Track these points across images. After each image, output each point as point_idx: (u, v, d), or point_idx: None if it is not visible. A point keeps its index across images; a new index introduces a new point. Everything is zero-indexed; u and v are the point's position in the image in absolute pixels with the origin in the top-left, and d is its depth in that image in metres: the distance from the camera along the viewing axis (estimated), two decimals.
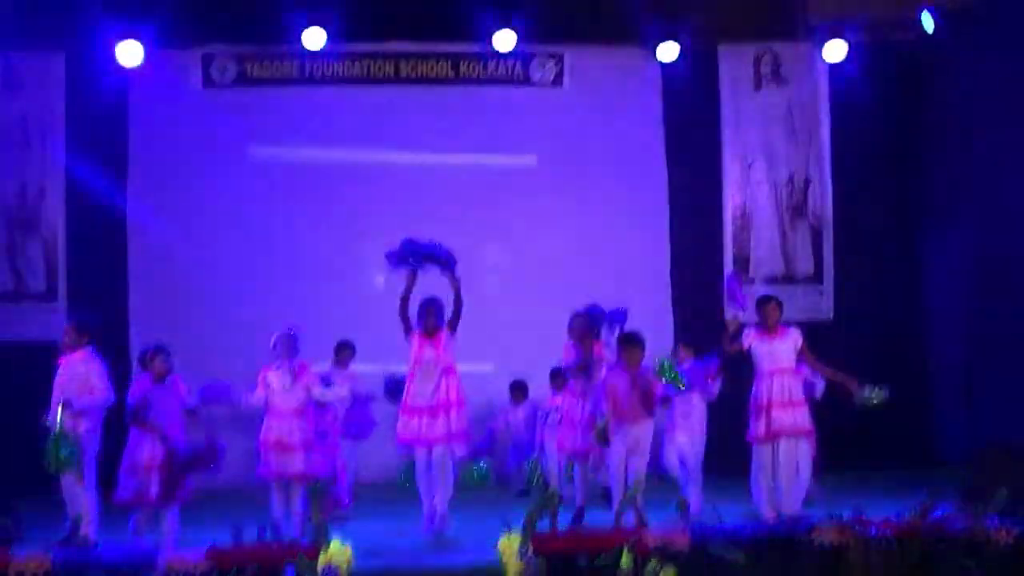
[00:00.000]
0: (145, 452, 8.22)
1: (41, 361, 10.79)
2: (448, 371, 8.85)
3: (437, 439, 8.70)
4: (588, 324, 9.16)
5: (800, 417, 8.55)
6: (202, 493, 10.90)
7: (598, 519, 8.61)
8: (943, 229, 12.50)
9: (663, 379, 8.66)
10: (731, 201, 12.87)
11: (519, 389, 11.60)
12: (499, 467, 11.11)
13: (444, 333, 8.90)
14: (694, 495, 9.08)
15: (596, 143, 12.58)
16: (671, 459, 9.46)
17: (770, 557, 6.82)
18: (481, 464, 9.01)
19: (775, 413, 8.47)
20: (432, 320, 8.89)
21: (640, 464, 8.55)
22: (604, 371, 8.89)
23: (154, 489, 8.17)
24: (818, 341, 10.46)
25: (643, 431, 8.59)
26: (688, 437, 9.34)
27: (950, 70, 12.06)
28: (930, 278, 12.76)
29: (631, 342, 8.71)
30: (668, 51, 12.36)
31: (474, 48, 12.47)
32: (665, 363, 8.72)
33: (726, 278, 9.32)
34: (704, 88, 12.72)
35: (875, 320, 12.57)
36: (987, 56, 11.37)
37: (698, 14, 12.02)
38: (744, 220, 12.87)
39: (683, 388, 8.89)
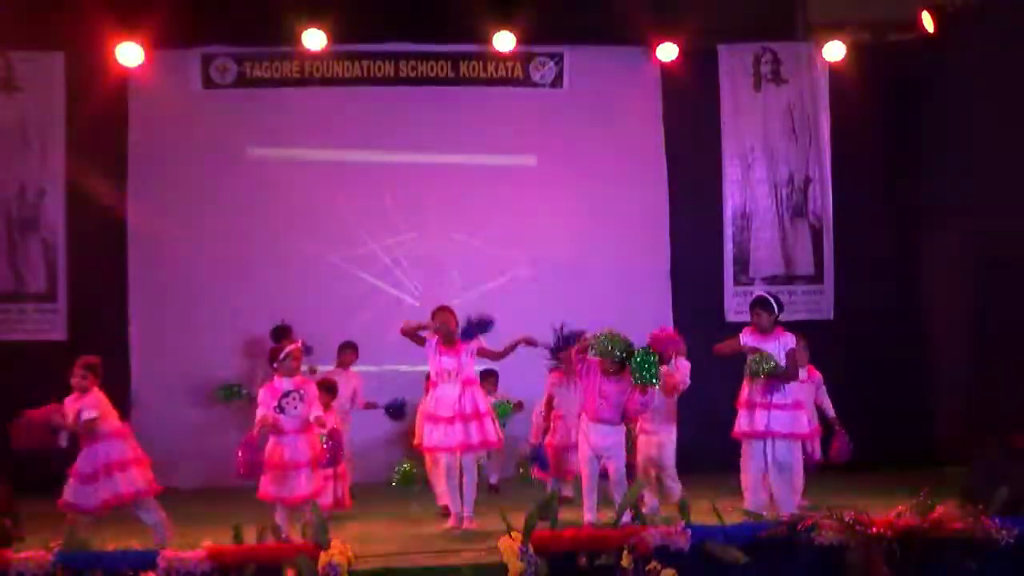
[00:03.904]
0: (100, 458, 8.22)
1: (40, 361, 10.91)
2: (469, 381, 8.99)
3: (462, 445, 8.86)
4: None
5: (788, 419, 8.49)
6: (202, 493, 11.06)
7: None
8: (943, 228, 12.48)
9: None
10: (731, 201, 12.85)
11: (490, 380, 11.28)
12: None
13: (464, 344, 8.98)
14: (674, 489, 9.12)
15: (596, 143, 12.56)
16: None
17: (770, 557, 6.80)
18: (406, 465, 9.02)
19: (758, 413, 8.45)
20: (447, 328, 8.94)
21: (620, 465, 8.52)
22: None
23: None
24: (818, 340, 10.53)
25: (617, 439, 8.57)
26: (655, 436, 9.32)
27: (950, 70, 12.04)
28: (930, 277, 12.75)
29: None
30: (668, 51, 12.36)
31: (474, 48, 12.46)
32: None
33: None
34: (704, 88, 12.70)
35: (875, 319, 12.56)
36: (987, 56, 11.37)
37: (698, 14, 11.99)
38: (744, 220, 12.86)
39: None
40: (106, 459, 8.21)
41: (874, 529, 6.68)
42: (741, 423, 8.55)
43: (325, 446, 8.69)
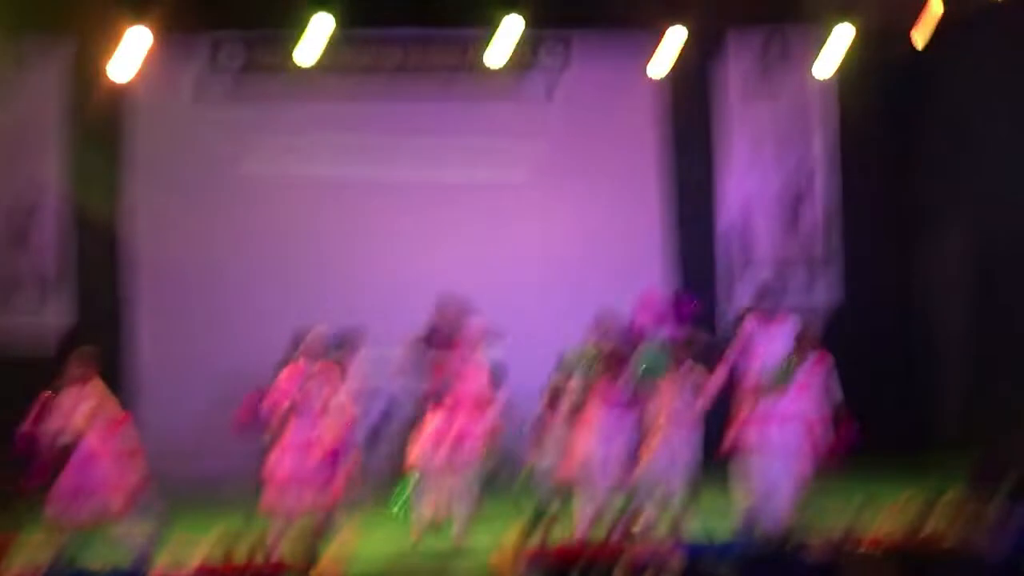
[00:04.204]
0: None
1: (40, 363, 10.93)
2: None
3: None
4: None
5: (789, 433, 8.49)
6: (207, 487, 11.10)
7: None
8: (945, 219, 12.49)
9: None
10: (734, 193, 12.78)
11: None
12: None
13: None
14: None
15: (596, 142, 12.50)
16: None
17: (762, 573, 6.79)
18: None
19: (760, 426, 8.48)
20: None
21: (623, 475, 8.54)
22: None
23: None
24: (820, 332, 10.47)
25: (621, 443, 8.59)
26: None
27: (952, 67, 11.99)
28: (932, 268, 12.75)
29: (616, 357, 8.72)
30: (669, 50, 12.23)
31: (474, 45, 12.35)
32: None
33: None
34: (706, 84, 12.65)
35: (877, 311, 12.58)
36: (988, 55, 11.34)
37: (700, 8, 11.89)
38: (745, 216, 12.79)
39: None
40: (89, 474, 8.27)
41: (866, 547, 6.68)
42: (742, 434, 8.56)
43: None
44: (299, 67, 12.03)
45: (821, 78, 12.58)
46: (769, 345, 8.60)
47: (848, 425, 9.68)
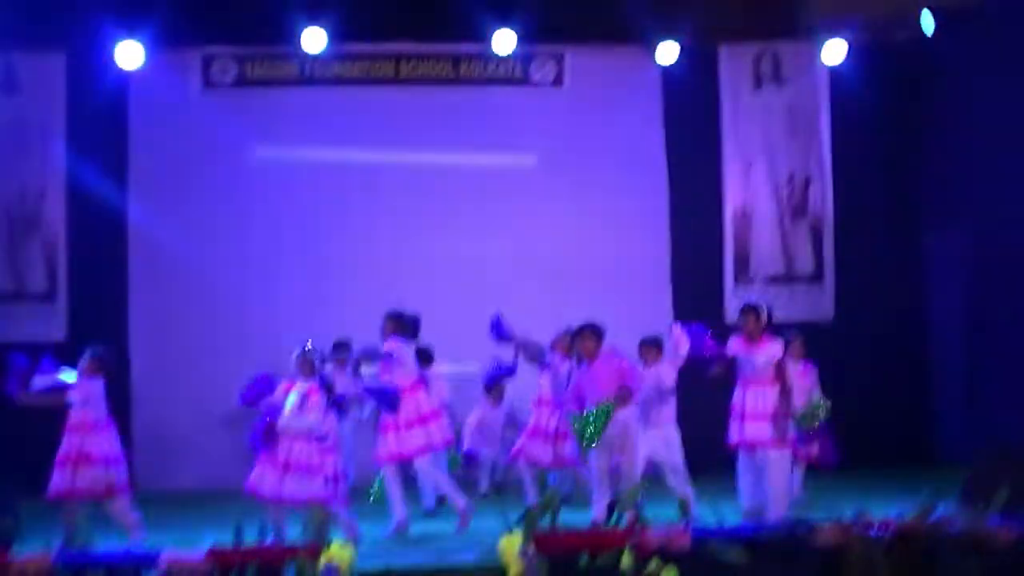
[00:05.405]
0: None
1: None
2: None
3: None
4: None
5: (767, 428, 8.54)
6: (202, 492, 11.08)
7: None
8: (944, 228, 12.52)
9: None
10: (731, 201, 12.85)
11: (497, 389, 11.33)
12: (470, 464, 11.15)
13: None
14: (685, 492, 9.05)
15: (596, 143, 12.56)
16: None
17: (771, 557, 6.78)
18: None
19: (747, 423, 8.54)
20: None
21: (629, 460, 8.57)
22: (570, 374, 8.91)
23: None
24: (819, 340, 10.57)
25: (622, 424, 8.59)
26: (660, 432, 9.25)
27: (950, 70, 12.06)
28: (931, 277, 12.78)
29: (583, 333, 8.74)
30: (668, 52, 12.33)
31: (474, 48, 12.44)
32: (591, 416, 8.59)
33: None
34: (704, 88, 12.71)
35: (876, 319, 12.59)
36: (987, 56, 11.39)
37: (698, 14, 11.97)
38: (744, 220, 12.85)
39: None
40: (81, 449, 8.35)
41: (875, 530, 6.68)
42: (732, 431, 8.65)
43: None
44: (293, 79, 12.19)
45: (818, 87, 12.71)
46: (748, 365, 8.63)
47: (825, 443, 9.81)
